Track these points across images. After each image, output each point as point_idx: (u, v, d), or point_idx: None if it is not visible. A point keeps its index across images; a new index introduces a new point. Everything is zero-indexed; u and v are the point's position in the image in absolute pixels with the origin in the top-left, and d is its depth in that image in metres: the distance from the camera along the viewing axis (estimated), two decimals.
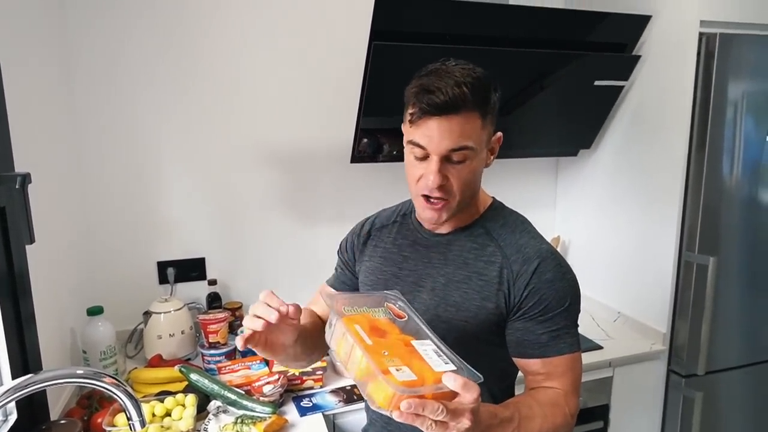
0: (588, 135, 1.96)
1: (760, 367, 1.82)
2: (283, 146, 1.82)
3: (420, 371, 0.65)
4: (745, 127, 1.62)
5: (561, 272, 0.89)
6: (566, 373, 0.88)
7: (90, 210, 1.65)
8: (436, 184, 0.83)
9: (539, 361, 0.88)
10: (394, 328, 0.75)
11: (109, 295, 1.65)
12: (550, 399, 0.85)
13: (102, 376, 0.74)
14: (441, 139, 0.81)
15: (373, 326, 0.73)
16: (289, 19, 1.75)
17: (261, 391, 1.35)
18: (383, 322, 0.75)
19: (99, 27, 1.57)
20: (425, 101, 0.80)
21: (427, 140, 0.82)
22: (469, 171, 0.86)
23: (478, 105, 0.82)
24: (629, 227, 1.85)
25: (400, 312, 0.77)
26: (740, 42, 1.57)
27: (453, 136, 0.81)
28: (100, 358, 1.43)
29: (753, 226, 1.72)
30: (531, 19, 1.65)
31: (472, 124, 0.82)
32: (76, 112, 1.59)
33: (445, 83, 0.80)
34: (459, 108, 0.80)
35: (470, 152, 0.84)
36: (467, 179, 0.86)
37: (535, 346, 0.88)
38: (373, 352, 0.66)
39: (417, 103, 0.82)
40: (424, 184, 0.85)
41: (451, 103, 0.79)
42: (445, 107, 0.80)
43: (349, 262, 1.09)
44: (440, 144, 0.82)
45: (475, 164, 0.86)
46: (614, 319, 1.90)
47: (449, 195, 0.86)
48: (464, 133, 0.82)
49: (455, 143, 0.82)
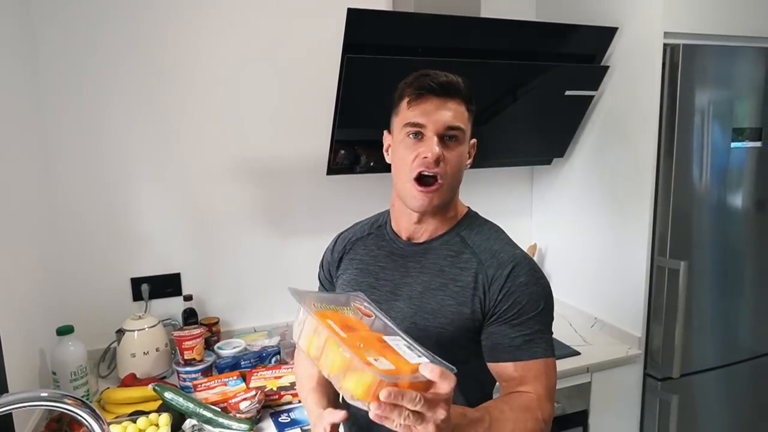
0: (561, 144, 2.00)
1: (733, 368, 1.86)
2: (257, 159, 1.81)
3: (396, 362, 0.65)
4: (711, 134, 1.67)
5: (535, 277, 0.91)
6: (539, 377, 0.87)
7: (59, 226, 1.61)
8: (436, 155, 0.87)
9: (512, 365, 0.88)
10: (364, 326, 0.75)
11: (80, 314, 1.61)
12: (522, 403, 0.84)
13: (66, 398, 0.72)
14: (439, 115, 0.88)
15: (344, 323, 0.72)
16: (263, 33, 1.75)
17: (238, 408, 1.32)
18: (353, 320, 0.75)
19: (67, 41, 1.55)
20: (426, 82, 0.88)
21: (426, 117, 0.88)
22: (458, 156, 0.91)
23: (467, 99, 0.91)
24: (603, 234, 1.88)
25: (367, 311, 0.77)
26: (703, 52, 1.62)
27: (449, 114, 0.88)
28: (71, 379, 1.39)
29: (722, 230, 1.76)
30: (502, 32, 1.68)
31: (462, 110, 0.90)
32: (43, 128, 1.56)
33: (440, 73, 0.89)
34: (454, 93, 0.89)
35: (461, 135, 0.90)
36: (457, 164, 0.91)
37: (509, 350, 0.88)
38: (350, 344, 0.65)
39: (415, 86, 0.89)
40: (421, 160, 0.88)
41: (450, 84, 0.88)
42: (443, 88, 0.88)
43: (327, 281, 1.11)
44: (438, 120, 0.88)
45: (462, 151, 0.91)
46: (591, 325, 1.92)
47: (443, 176, 0.89)
48: (458, 115, 0.89)
49: (452, 121, 0.88)
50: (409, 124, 0.89)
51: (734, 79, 1.69)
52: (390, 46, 1.54)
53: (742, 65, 1.69)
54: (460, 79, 0.91)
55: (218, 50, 1.71)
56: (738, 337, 1.85)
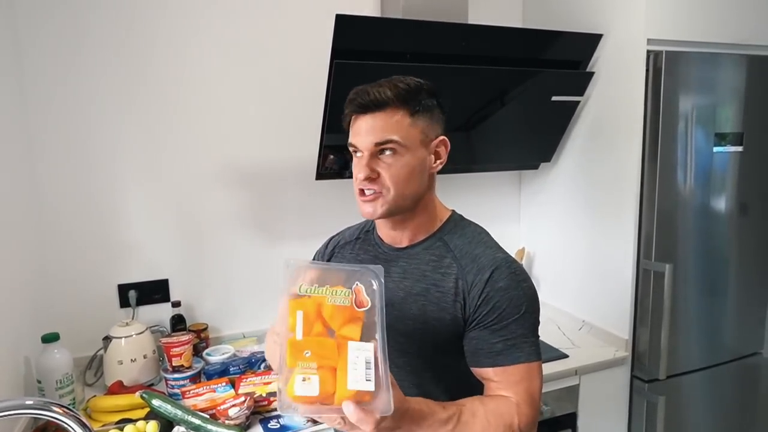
0: (548, 148, 2.02)
1: (719, 368, 1.88)
2: (246, 164, 1.81)
3: (328, 385, 0.64)
4: (695, 139, 1.70)
5: (516, 280, 0.90)
6: (521, 382, 0.87)
7: (45, 232, 1.60)
8: (364, 175, 0.89)
9: (492, 370, 0.88)
10: (342, 320, 0.69)
11: (66, 321, 1.59)
12: (497, 407, 0.84)
13: (52, 406, 0.72)
14: (366, 134, 0.89)
15: (316, 315, 0.69)
16: (251, 39, 1.75)
17: (226, 414, 1.32)
18: (333, 311, 0.69)
19: (53, 45, 1.54)
20: (352, 103, 0.90)
21: (357, 138, 0.90)
22: (400, 166, 0.89)
23: (403, 103, 0.88)
24: (590, 237, 1.90)
25: (364, 299, 0.72)
26: (686, 59, 1.65)
27: (377, 130, 0.88)
28: (57, 387, 1.37)
29: (706, 233, 1.79)
30: (490, 38, 1.70)
31: (397, 120, 0.88)
32: (29, 133, 1.55)
33: (370, 86, 0.89)
34: (381, 105, 0.88)
35: (398, 146, 0.89)
36: (399, 174, 0.89)
37: (489, 355, 0.88)
38: (295, 349, 0.65)
39: (348, 107, 0.91)
40: (356, 177, 0.91)
41: (374, 101, 0.88)
42: (368, 105, 0.88)
43: None
44: (366, 139, 0.89)
45: (407, 159, 0.90)
46: (579, 328, 1.94)
47: (382, 187, 0.90)
48: (388, 127, 0.88)
49: (380, 137, 0.88)
50: (349, 144, 0.93)
51: (716, 85, 1.72)
52: (378, 52, 1.55)
53: (724, 72, 1.73)
54: (397, 83, 0.89)
55: (207, 55, 1.71)
56: (723, 339, 1.88)
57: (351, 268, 0.74)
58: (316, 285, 0.70)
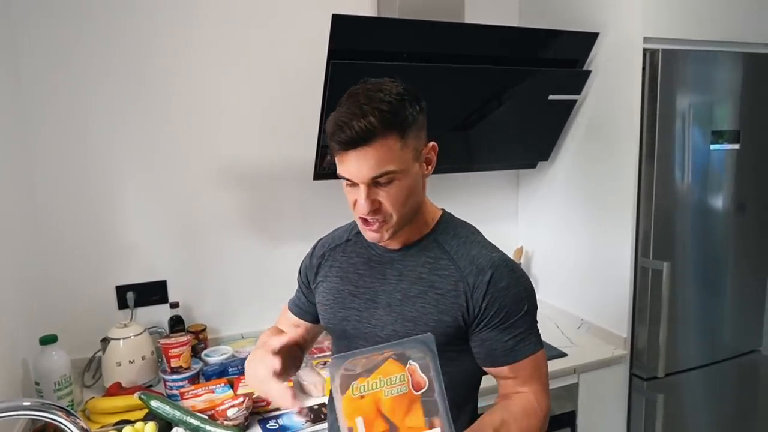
0: (545, 147, 2.02)
1: (717, 366, 1.89)
2: (244, 165, 1.81)
3: None
4: (692, 137, 1.70)
5: (515, 278, 0.92)
6: (534, 373, 0.92)
7: (42, 234, 1.59)
8: (367, 210, 0.86)
9: (507, 368, 0.91)
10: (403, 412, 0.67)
11: (64, 323, 1.58)
12: (523, 408, 0.89)
13: (50, 407, 0.71)
14: (360, 170, 0.84)
15: (377, 414, 0.67)
16: (248, 39, 1.75)
17: (225, 415, 1.31)
18: (393, 405, 0.67)
19: (50, 47, 1.54)
20: (337, 139, 0.84)
21: (350, 173, 0.86)
22: (399, 190, 0.87)
23: (391, 127, 0.83)
24: (587, 236, 1.90)
25: (421, 379, 0.69)
26: (683, 57, 1.66)
27: (370, 165, 0.83)
28: (55, 389, 1.37)
29: (703, 231, 1.79)
30: (486, 37, 1.70)
31: (388, 148, 0.83)
32: (26, 135, 1.55)
33: (353, 115, 0.82)
34: (369, 139, 0.82)
35: (394, 174, 0.85)
36: (399, 198, 0.88)
37: (503, 353, 0.91)
38: None
39: (334, 141, 0.85)
40: (358, 209, 0.89)
41: (359, 137, 0.81)
42: (355, 142, 0.82)
43: (304, 285, 1.11)
44: (360, 174, 0.85)
45: (405, 182, 0.87)
46: (578, 327, 1.94)
47: (385, 215, 0.88)
48: (382, 160, 0.83)
49: (375, 171, 0.84)
50: (340, 176, 0.88)
51: (713, 83, 1.73)
52: (375, 52, 1.55)
53: (721, 70, 1.73)
54: (378, 108, 0.82)
55: (204, 56, 1.71)
56: (721, 336, 1.88)
57: (398, 344, 0.71)
58: (368, 381, 0.68)
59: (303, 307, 1.12)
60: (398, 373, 0.68)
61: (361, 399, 0.68)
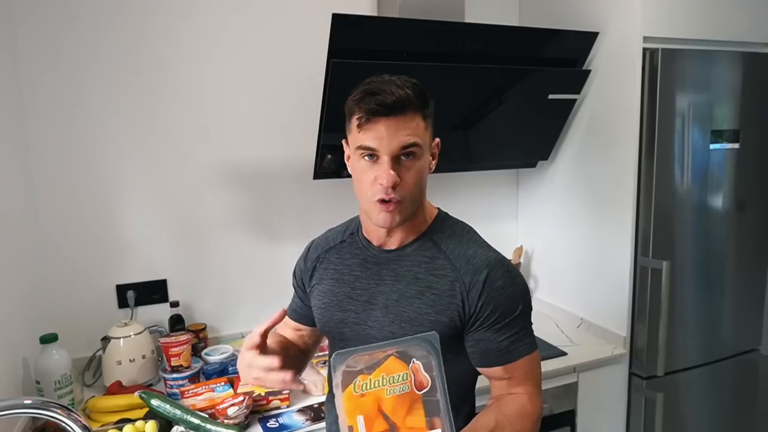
0: (545, 147, 2.02)
1: (716, 365, 1.89)
2: (244, 164, 1.81)
3: None
4: (692, 136, 1.71)
5: (510, 278, 0.91)
6: (528, 374, 0.91)
7: (43, 232, 1.59)
8: (391, 182, 0.84)
9: (501, 369, 0.91)
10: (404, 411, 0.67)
11: (65, 322, 1.59)
12: (517, 410, 0.88)
13: (50, 406, 0.72)
14: (391, 138, 0.84)
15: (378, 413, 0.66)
16: (248, 38, 1.75)
17: (225, 414, 1.32)
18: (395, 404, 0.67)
19: (49, 46, 1.54)
20: (373, 102, 0.82)
21: (378, 141, 0.84)
22: (417, 172, 0.88)
23: (421, 106, 0.86)
24: (587, 235, 1.90)
25: (424, 378, 0.69)
26: (682, 57, 1.66)
27: (402, 134, 0.84)
28: (55, 388, 1.37)
29: (703, 230, 1.79)
30: (486, 36, 1.70)
31: (417, 123, 0.86)
32: (26, 133, 1.55)
33: (388, 87, 0.83)
34: (405, 107, 0.83)
35: (419, 150, 0.86)
36: (416, 179, 0.88)
37: (497, 354, 0.90)
38: None
39: (364, 107, 0.84)
40: (379, 186, 0.85)
41: (398, 102, 0.82)
42: (393, 107, 0.82)
43: (300, 289, 1.11)
44: (391, 143, 0.84)
45: (422, 163, 0.89)
46: (577, 326, 1.94)
47: (403, 193, 0.87)
48: (412, 131, 0.85)
49: (405, 141, 0.84)
50: (361, 147, 0.86)
51: (712, 83, 1.73)
52: (375, 51, 1.55)
53: (720, 69, 1.73)
54: (410, 84, 0.85)
55: (204, 55, 1.71)
56: (720, 335, 1.89)
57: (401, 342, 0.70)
58: (371, 378, 0.67)
59: (301, 311, 1.11)
60: (401, 371, 0.68)
61: (362, 397, 0.67)
